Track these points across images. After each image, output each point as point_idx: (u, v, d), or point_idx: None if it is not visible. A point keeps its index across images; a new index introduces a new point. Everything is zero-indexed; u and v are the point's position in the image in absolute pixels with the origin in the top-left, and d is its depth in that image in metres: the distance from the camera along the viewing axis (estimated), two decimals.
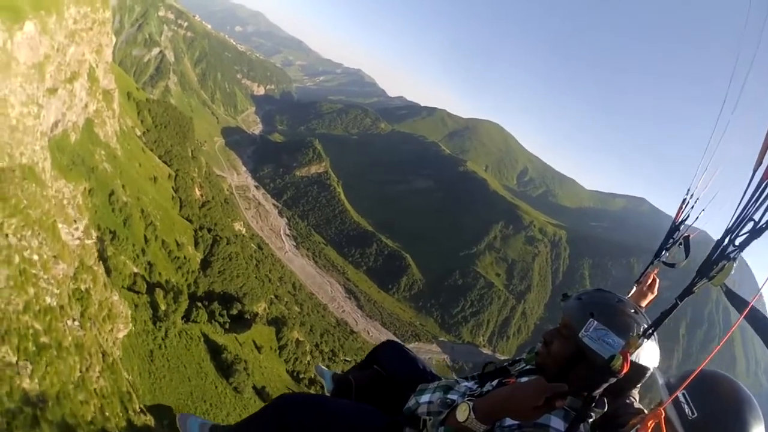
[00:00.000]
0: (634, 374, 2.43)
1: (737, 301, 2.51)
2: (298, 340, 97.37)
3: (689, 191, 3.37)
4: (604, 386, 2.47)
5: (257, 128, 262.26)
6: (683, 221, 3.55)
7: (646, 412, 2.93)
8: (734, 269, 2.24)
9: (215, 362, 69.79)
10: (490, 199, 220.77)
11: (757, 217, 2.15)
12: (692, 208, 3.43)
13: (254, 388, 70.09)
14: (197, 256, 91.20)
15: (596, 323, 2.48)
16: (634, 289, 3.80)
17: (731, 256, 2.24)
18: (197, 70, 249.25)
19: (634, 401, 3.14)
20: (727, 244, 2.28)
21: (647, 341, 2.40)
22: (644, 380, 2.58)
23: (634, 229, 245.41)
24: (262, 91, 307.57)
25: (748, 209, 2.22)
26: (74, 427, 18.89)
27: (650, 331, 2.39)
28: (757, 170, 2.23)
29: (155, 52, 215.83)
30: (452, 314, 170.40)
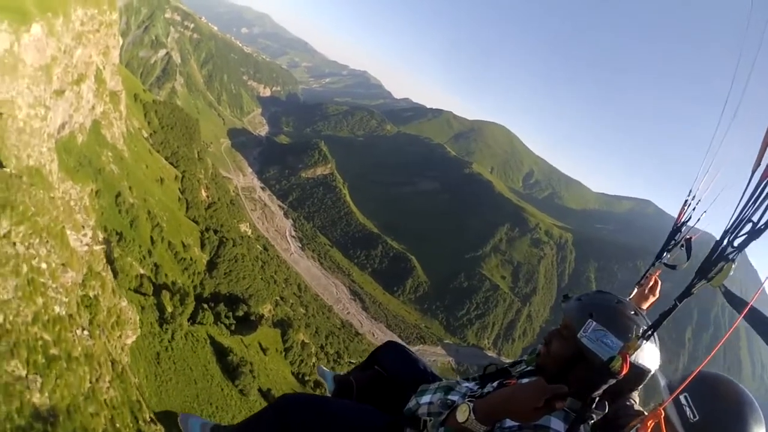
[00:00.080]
0: (633, 376, 2.42)
1: (736, 301, 2.52)
2: (303, 342, 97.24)
3: (691, 192, 3.40)
4: (603, 387, 2.46)
5: (263, 130, 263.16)
6: (685, 223, 3.55)
7: (646, 414, 2.87)
8: (733, 270, 2.25)
9: (221, 364, 69.79)
10: (495, 201, 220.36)
11: (755, 218, 2.17)
12: (694, 209, 3.43)
13: (260, 390, 69.98)
14: (203, 257, 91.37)
15: (595, 324, 2.50)
16: (635, 290, 3.84)
17: (730, 257, 2.26)
18: (203, 71, 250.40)
19: (634, 403, 3.10)
20: (725, 245, 2.30)
21: (647, 343, 2.39)
22: (644, 382, 2.56)
23: (640, 231, 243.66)
24: (268, 92, 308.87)
25: (746, 210, 2.24)
26: None
27: (649, 332, 2.39)
28: (755, 172, 2.25)
29: (162, 53, 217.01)
30: (457, 317, 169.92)
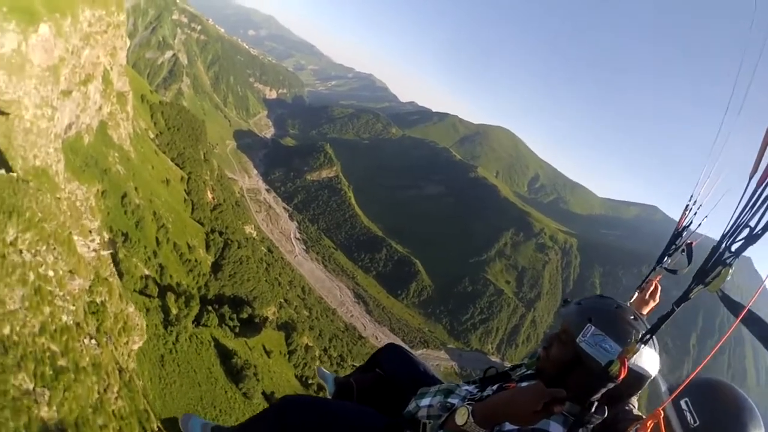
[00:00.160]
0: (632, 380, 2.43)
1: (734, 305, 2.52)
2: (307, 345, 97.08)
3: (692, 197, 3.40)
4: (602, 392, 2.45)
5: (269, 132, 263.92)
6: (686, 227, 3.57)
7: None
8: (731, 275, 2.26)
9: (225, 367, 69.70)
10: (500, 205, 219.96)
11: (753, 223, 2.17)
12: (695, 214, 3.44)
13: (263, 393, 69.83)
14: (208, 259, 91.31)
15: (594, 329, 2.50)
16: (636, 295, 3.81)
17: (727, 262, 2.27)
18: (210, 73, 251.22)
19: (633, 408, 3.02)
20: (723, 250, 2.31)
21: (646, 348, 2.40)
22: (643, 387, 2.56)
23: (646, 237, 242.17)
24: (274, 94, 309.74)
25: (744, 216, 2.25)
26: None
27: (648, 336, 2.38)
28: (752, 177, 2.25)
29: (168, 55, 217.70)
30: (461, 321, 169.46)
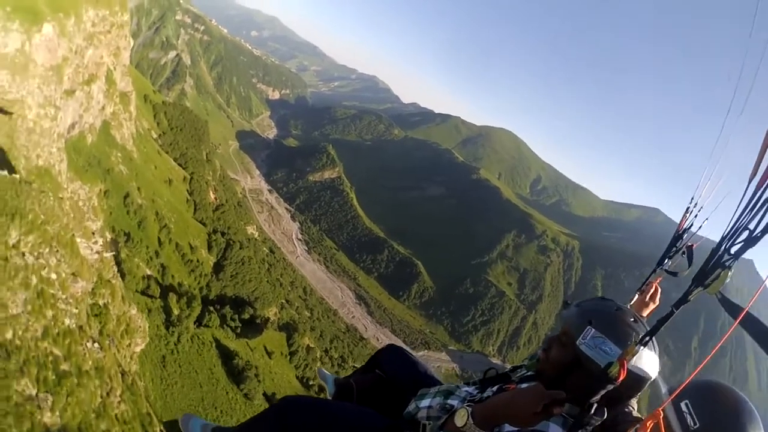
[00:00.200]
0: (632, 382, 2.45)
1: (732, 308, 2.53)
2: (308, 346, 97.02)
3: (693, 200, 3.40)
4: (601, 393, 2.47)
5: (271, 132, 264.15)
6: (687, 230, 3.55)
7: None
8: (729, 277, 2.28)
9: (226, 368, 69.68)
10: (502, 207, 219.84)
11: (752, 226, 2.19)
12: (696, 216, 3.43)
13: (264, 394, 69.78)
14: (210, 259, 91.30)
15: (594, 331, 2.51)
16: (636, 297, 3.81)
17: (726, 264, 2.28)
18: (213, 73, 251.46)
19: (632, 410, 3.04)
20: (722, 252, 2.32)
21: (646, 350, 2.41)
22: (643, 389, 2.57)
23: (648, 239, 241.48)
24: (277, 95, 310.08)
25: (743, 218, 2.26)
26: None
27: (647, 338, 2.39)
28: (752, 180, 2.26)
29: (172, 55, 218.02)
30: (462, 323, 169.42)
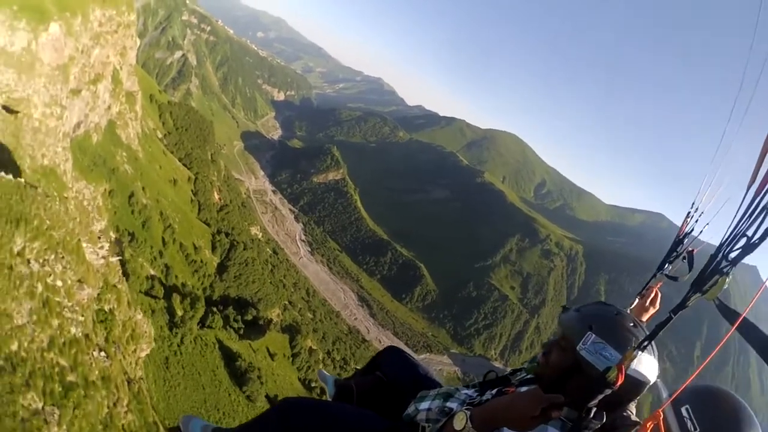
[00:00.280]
0: (630, 386, 2.44)
1: (730, 313, 2.55)
2: (311, 348, 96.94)
3: (694, 205, 3.40)
4: (599, 398, 2.46)
5: (276, 133, 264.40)
6: (687, 234, 3.54)
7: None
8: (727, 284, 2.31)
9: (229, 369, 69.60)
10: (507, 211, 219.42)
11: (750, 232, 2.21)
12: (696, 221, 3.44)
13: (267, 396, 69.67)
14: (214, 260, 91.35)
15: (594, 336, 2.51)
16: (636, 301, 3.77)
17: (724, 270, 2.31)
18: (219, 74, 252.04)
19: (631, 414, 2.94)
20: (720, 258, 2.34)
21: (645, 354, 2.41)
22: (642, 393, 2.57)
23: (652, 245, 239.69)
24: (282, 96, 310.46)
25: (741, 225, 2.28)
26: None
27: (645, 343, 2.40)
28: (750, 187, 2.28)
29: (178, 55, 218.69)
30: (465, 326, 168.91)
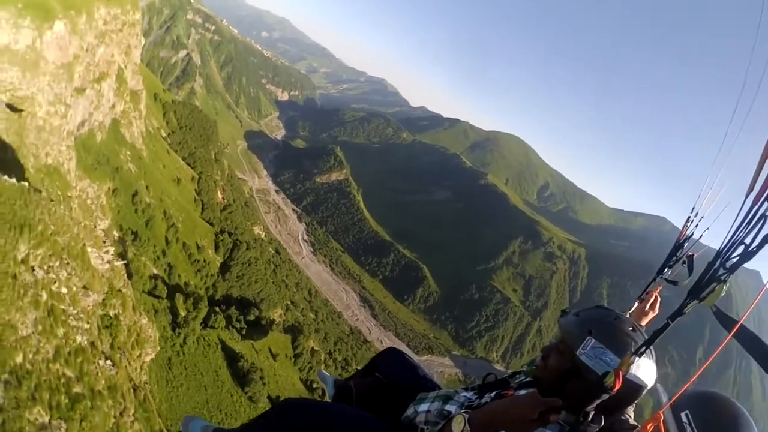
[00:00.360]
0: (629, 390, 2.45)
1: (726, 320, 2.57)
2: (313, 348, 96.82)
3: (694, 209, 3.41)
4: (596, 402, 2.47)
5: (280, 133, 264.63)
6: (687, 239, 3.56)
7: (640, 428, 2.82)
8: (725, 291, 2.32)
9: (231, 370, 69.51)
10: (509, 213, 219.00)
11: (748, 240, 2.22)
12: (696, 226, 3.45)
13: (269, 397, 69.56)
14: (217, 259, 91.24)
15: (594, 341, 2.50)
16: (635, 305, 3.80)
17: (722, 278, 2.31)
18: (223, 73, 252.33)
19: (629, 418, 3.00)
20: (718, 266, 2.35)
21: (643, 359, 2.42)
22: (640, 396, 2.58)
23: (654, 248, 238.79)
24: (285, 96, 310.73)
25: (739, 233, 2.29)
26: None
27: (642, 349, 2.40)
28: (748, 195, 2.29)
29: (182, 54, 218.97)
30: (467, 328, 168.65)
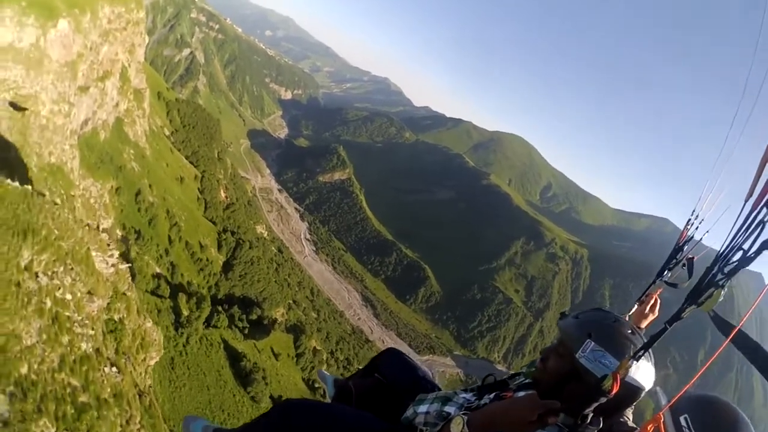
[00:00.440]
0: (627, 393, 2.47)
1: (724, 325, 2.58)
2: (315, 348, 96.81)
3: (694, 212, 3.40)
4: (594, 405, 2.48)
5: (283, 132, 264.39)
6: (687, 241, 3.52)
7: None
8: (723, 296, 2.31)
9: (234, 370, 69.48)
10: (512, 213, 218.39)
11: (746, 246, 2.22)
12: (696, 228, 3.43)
13: (271, 397, 69.51)
14: (220, 258, 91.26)
15: (593, 344, 2.52)
16: (635, 307, 3.76)
17: (720, 283, 2.32)
18: (226, 72, 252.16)
19: (627, 420, 3.06)
20: (716, 271, 2.36)
21: (642, 361, 2.43)
22: (638, 399, 2.60)
23: (657, 249, 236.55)
24: (289, 95, 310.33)
25: (738, 238, 2.30)
26: None
27: (640, 353, 2.42)
28: (747, 200, 2.30)
29: (186, 52, 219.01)
30: (468, 328, 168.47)
